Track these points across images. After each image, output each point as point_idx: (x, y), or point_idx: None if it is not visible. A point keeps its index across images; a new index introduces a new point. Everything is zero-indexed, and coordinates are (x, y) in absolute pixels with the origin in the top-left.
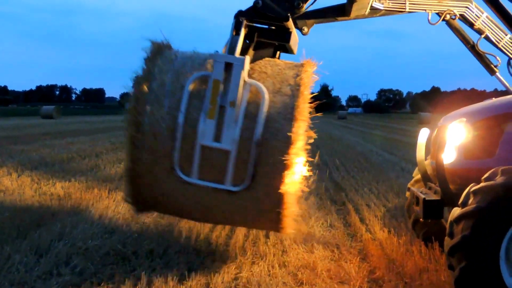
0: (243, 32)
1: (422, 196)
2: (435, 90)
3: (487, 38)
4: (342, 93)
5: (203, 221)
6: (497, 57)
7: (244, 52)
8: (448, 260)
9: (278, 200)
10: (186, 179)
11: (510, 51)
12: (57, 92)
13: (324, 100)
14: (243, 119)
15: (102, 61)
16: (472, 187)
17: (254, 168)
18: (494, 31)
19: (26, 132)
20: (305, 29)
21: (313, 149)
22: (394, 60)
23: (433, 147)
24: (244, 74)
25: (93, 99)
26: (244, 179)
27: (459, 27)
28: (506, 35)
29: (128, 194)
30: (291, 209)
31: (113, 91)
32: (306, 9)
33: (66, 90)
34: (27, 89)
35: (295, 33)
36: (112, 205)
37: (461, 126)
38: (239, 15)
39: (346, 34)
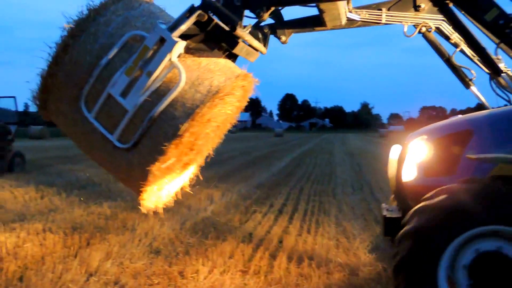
0: (193, 17)
1: (384, 213)
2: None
3: (462, 51)
4: (383, 111)
5: (86, 155)
6: (472, 71)
7: (191, 36)
8: (394, 280)
9: (144, 174)
10: (85, 113)
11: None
12: None
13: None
14: (151, 92)
15: None
16: (416, 206)
17: (140, 137)
18: (503, 43)
19: (74, 152)
20: (283, 37)
21: (355, 169)
22: (435, 76)
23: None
24: (172, 55)
25: None
26: (129, 141)
27: (435, 40)
28: None
29: (37, 98)
30: (155, 190)
31: None
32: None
33: None
34: None
35: (256, 44)
36: (157, 224)
37: (423, 143)
38: (204, 5)
39: (385, 51)
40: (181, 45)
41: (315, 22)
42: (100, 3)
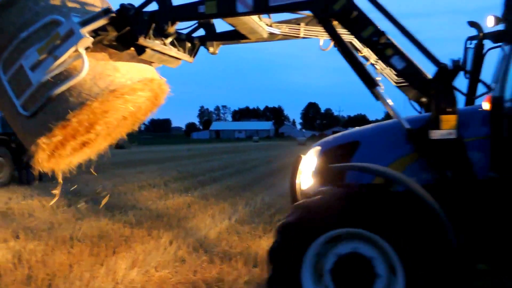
0: (104, 19)
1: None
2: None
3: (372, 65)
4: None
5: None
6: (381, 84)
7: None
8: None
9: (33, 142)
10: (0, 75)
11: (392, 78)
12: None
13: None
14: (54, 74)
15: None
16: (297, 202)
17: (37, 110)
18: (379, 60)
19: (99, 161)
20: (211, 49)
21: None
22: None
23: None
24: (78, 47)
25: (160, 129)
26: (29, 111)
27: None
28: None
29: None
30: (42, 156)
31: (179, 121)
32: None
33: None
34: None
35: (174, 54)
36: (181, 233)
37: (316, 153)
38: (118, 11)
39: None
40: (87, 40)
41: (240, 35)
42: None
